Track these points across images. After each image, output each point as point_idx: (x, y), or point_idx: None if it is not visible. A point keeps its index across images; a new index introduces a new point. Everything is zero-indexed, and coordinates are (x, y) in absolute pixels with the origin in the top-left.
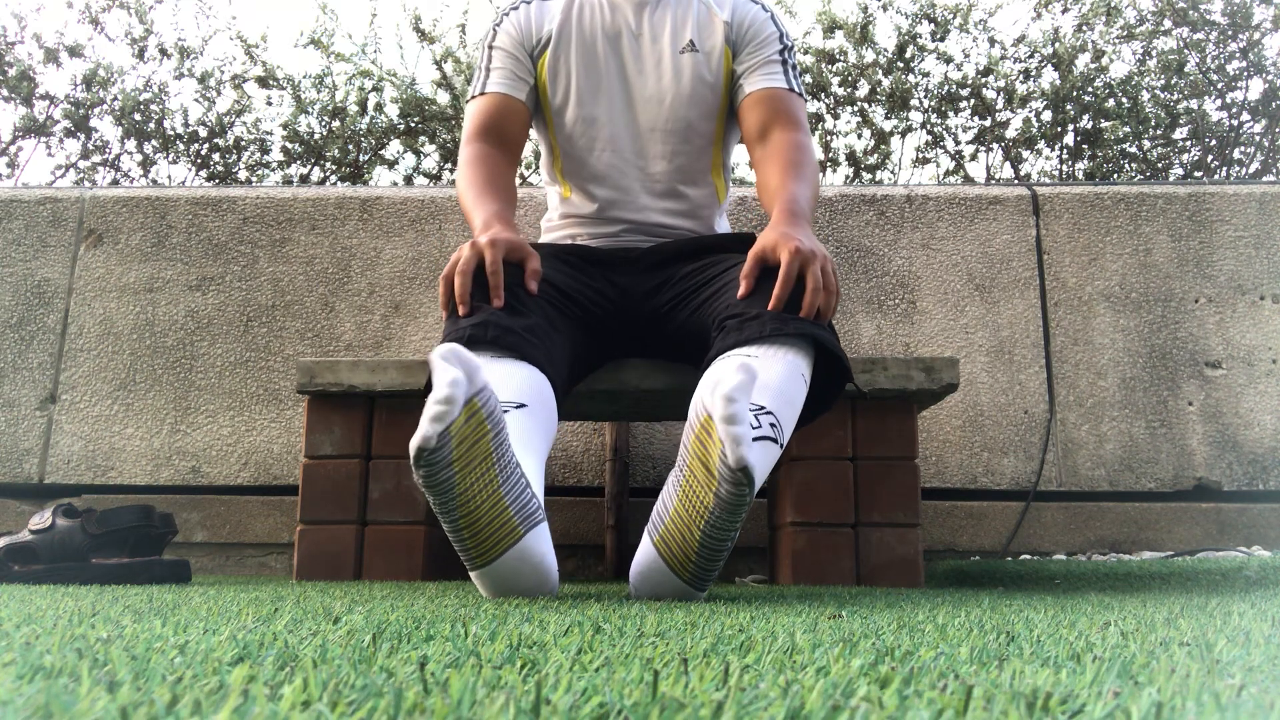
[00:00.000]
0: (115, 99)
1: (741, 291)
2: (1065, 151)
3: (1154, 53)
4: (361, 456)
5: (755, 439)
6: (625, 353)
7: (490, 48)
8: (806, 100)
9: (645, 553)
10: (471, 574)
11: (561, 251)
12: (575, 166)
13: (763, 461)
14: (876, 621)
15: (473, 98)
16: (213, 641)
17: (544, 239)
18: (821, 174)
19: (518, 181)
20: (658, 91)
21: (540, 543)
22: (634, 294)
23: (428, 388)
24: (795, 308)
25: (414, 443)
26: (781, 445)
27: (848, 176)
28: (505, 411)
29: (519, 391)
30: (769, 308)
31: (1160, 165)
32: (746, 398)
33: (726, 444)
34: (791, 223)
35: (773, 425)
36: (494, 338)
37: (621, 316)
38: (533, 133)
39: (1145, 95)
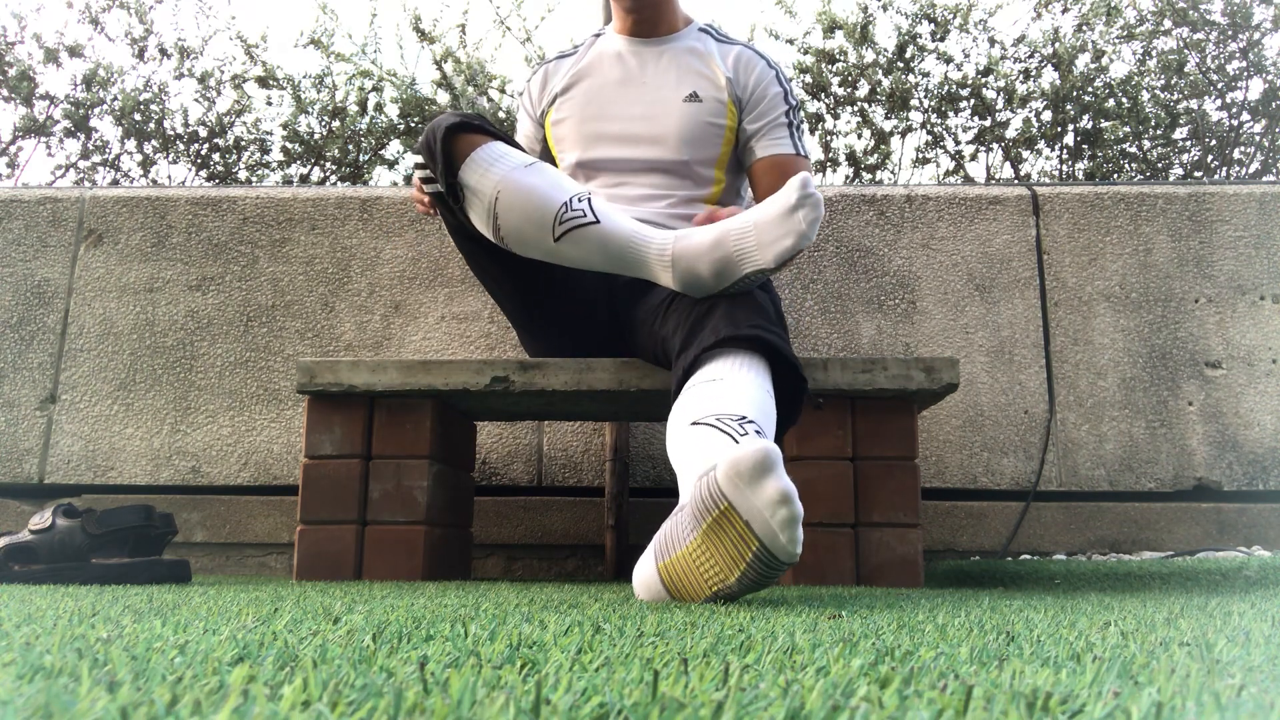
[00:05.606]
0: (115, 99)
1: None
2: (1065, 151)
3: (1154, 53)
4: (361, 456)
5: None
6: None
7: (517, 114)
8: (810, 158)
9: (649, 573)
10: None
11: None
12: None
13: None
14: (876, 621)
15: None
16: (213, 641)
17: None
18: (821, 174)
19: None
20: (659, 133)
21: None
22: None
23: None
24: (744, 321)
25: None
26: None
27: (848, 176)
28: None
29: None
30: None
31: (1160, 165)
32: (787, 481)
33: (783, 540)
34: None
35: (758, 432)
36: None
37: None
38: None
39: (1145, 95)
